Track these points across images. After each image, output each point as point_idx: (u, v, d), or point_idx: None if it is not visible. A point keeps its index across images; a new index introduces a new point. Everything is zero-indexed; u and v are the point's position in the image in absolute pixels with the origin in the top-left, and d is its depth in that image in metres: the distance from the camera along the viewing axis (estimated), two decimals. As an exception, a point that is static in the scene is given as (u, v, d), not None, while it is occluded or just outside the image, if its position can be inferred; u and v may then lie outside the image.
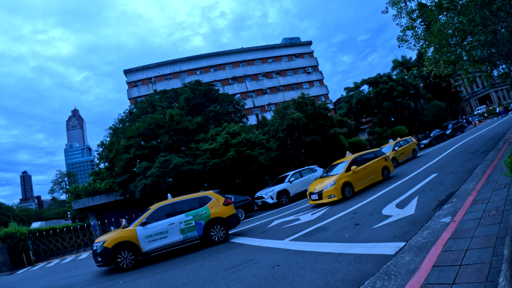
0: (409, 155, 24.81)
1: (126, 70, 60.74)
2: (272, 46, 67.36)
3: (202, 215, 11.18)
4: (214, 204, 11.63)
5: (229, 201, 12.11)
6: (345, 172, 14.69)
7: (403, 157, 24.09)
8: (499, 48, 15.45)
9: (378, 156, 16.81)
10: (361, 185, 15.04)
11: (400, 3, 16.31)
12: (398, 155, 23.65)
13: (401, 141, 25.62)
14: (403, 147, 24.71)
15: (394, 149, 23.88)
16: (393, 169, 17.58)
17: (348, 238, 7.56)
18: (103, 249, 9.85)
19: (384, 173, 16.42)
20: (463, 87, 76.14)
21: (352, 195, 14.38)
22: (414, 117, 47.99)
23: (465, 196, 7.95)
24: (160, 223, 10.67)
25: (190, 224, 10.92)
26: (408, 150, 24.96)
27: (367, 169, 15.60)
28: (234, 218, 12.07)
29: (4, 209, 78.84)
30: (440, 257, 4.76)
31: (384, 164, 16.67)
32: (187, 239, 10.83)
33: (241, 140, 25.65)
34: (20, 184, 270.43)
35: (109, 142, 33.71)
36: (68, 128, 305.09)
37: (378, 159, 16.52)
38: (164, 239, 10.53)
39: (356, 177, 14.85)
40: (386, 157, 17.14)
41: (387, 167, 16.71)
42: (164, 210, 11.15)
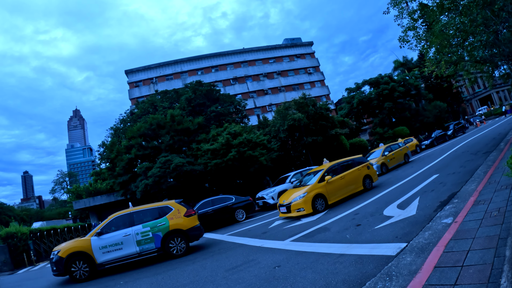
0: (400, 160, 23.78)
1: (127, 70, 60.81)
2: (273, 47, 67.38)
3: (161, 226, 10.55)
4: (175, 215, 10.96)
5: (191, 212, 11.41)
6: (317, 183, 13.53)
7: (393, 162, 23.05)
8: (501, 49, 15.42)
9: (359, 164, 15.64)
10: (337, 197, 13.82)
11: (401, 4, 16.29)
12: (388, 160, 22.56)
13: (392, 145, 24.42)
14: (394, 151, 23.57)
15: (384, 154, 22.79)
16: (377, 177, 16.41)
17: (350, 239, 7.55)
18: (57, 259, 9.62)
19: (366, 182, 15.29)
20: (465, 88, 76.13)
21: (325, 208, 13.14)
22: (415, 117, 47.90)
23: (467, 197, 7.93)
24: (116, 234, 10.21)
25: (147, 236, 10.35)
26: (399, 155, 23.91)
27: (345, 178, 14.42)
28: (196, 230, 11.28)
29: (5, 209, 78.96)
30: (441, 258, 4.75)
31: (365, 172, 15.48)
32: (143, 252, 10.26)
33: (242, 141, 25.65)
34: (21, 184, 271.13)
35: (110, 142, 33.74)
36: (70, 128, 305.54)
37: (358, 167, 15.31)
38: (119, 251, 10.06)
39: (331, 188, 13.66)
40: (368, 164, 15.94)
41: (369, 175, 15.58)
42: (121, 220, 10.61)
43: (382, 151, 23.00)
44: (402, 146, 24.92)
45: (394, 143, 25.17)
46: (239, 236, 12.25)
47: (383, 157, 22.37)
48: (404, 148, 24.78)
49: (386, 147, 23.68)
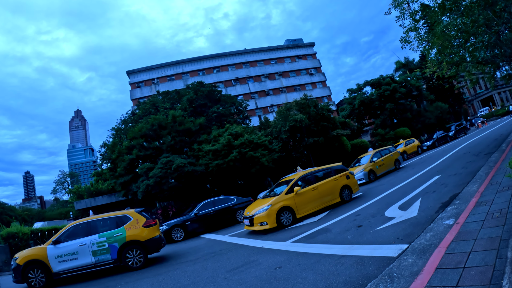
0: (390, 167, 22.26)
1: (129, 71, 60.87)
2: (275, 48, 67.39)
3: (117, 237, 10.07)
4: (133, 225, 10.42)
5: (151, 222, 10.83)
6: (284, 194, 12.43)
7: (383, 169, 21.55)
8: (503, 49, 15.39)
9: (337, 172, 14.45)
10: (308, 210, 12.68)
11: (403, 4, 16.28)
12: (377, 167, 21.12)
13: (382, 151, 22.98)
14: (383, 157, 22.06)
15: (372, 160, 21.39)
16: (358, 188, 15.14)
17: (351, 240, 7.54)
18: (15, 266, 9.52)
19: (344, 193, 14.04)
20: (466, 89, 75.99)
21: (292, 222, 12.02)
22: (417, 118, 47.85)
23: (469, 198, 7.92)
24: (72, 243, 9.87)
25: (103, 247, 9.91)
26: (389, 161, 22.37)
27: (318, 189, 13.23)
28: (155, 242, 10.62)
29: (7, 209, 79.13)
30: (443, 260, 4.74)
31: (344, 182, 14.24)
32: (99, 262, 9.85)
33: (244, 142, 25.64)
34: (23, 184, 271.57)
35: (111, 143, 33.76)
36: (71, 129, 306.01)
37: (336, 177, 14.11)
38: (74, 261, 9.72)
39: (300, 200, 12.52)
40: (348, 173, 14.69)
41: (348, 186, 14.32)
42: (79, 229, 10.25)
43: (370, 157, 21.62)
44: (393, 151, 23.59)
45: (384, 148, 23.66)
46: (240, 237, 12.24)
47: (371, 164, 21.05)
48: (395, 153, 23.43)
49: (375, 153, 22.28)
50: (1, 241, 19.30)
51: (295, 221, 12.20)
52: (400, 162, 23.47)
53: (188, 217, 17.13)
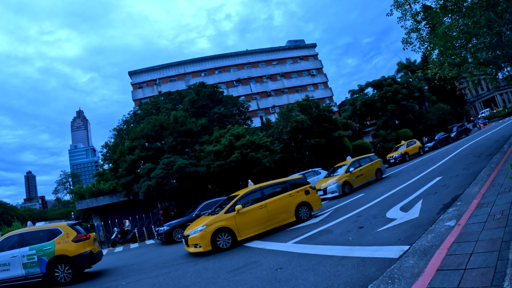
0: (370, 177, 20.05)
1: (131, 71, 60.96)
2: (276, 49, 67.42)
3: (46, 250, 9.74)
4: (63, 239, 10.04)
5: (82, 237, 10.37)
6: (224, 213, 11.00)
7: (361, 180, 19.35)
8: (504, 50, 15.37)
9: (294, 187, 12.84)
10: (253, 231, 11.17)
11: (404, 6, 16.27)
12: (354, 178, 18.95)
13: (362, 159, 20.73)
14: (362, 167, 19.86)
15: (349, 170, 19.09)
16: (320, 204, 13.47)
17: (352, 241, 7.54)
18: None
19: (301, 212, 12.47)
20: (468, 90, 75.85)
21: (231, 245, 10.57)
22: (418, 120, 47.79)
23: (470, 200, 7.90)
24: (5, 254, 9.70)
25: (33, 259, 9.64)
26: (369, 171, 20.14)
27: (267, 207, 11.63)
28: (85, 257, 10.14)
29: (8, 208, 79.44)
30: (444, 261, 4.74)
31: (302, 199, 12.61)
32: (29, 275, 9.58)
33: (245, 142, 25.66)
34: (24, 184, 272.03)
35: (113, 143, 33.79)
36: (73, 129, 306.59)
37: (291, 193, 12.48)
38: (7, 272, 9.52)
39: (243, 220, 11.02)
40: (307, 188, 13.07)
41: (307, 203, 12.73)
42: (12, 240, 10.08)
43: (347, 167, 19.33)
44: (375, 159, 21.15)
45: (364, 156, 21.32)
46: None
47: (347, 174, 18.82)
48: (377, 162, 21.01)
49: (353, 161, 20.13)
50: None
51: (235, 244, 10.72)
52: (383, 172, 21.04)
53: (190, 217, 17.16)
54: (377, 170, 20.61)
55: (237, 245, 10.70)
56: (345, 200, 15.47)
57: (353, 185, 18.70)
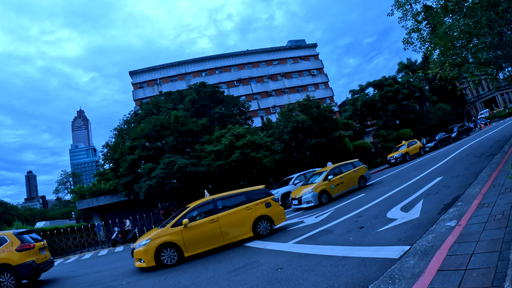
0: (352, 185, 18.42)
1: (131, 71, 61.01)
2: (277, 49, 67.43)
3: None
4: (7, 248, 9.88)
5: (25, 247, 10.11)
6: (170, 227, 10.23)
7: (341, 189, 17.71)
8: (505, 50, 15.35)
9: (254, 199, 11.60)
10: (202, 247, 10.27)
11: (405, 6, 16.25)
12: (333, 186, 17.27)
13: (343, 166, 19.07)
14: (343, 174, 18.24)
15: (327, 178, 17.42)
16: (284, 218, 12.13)
17: (352, 241, 7.54)
18: None
19: (260, 226, 11.27)
20: (469, 90, 75.77)
21: (177, 261, 9.76)
22: (419, 120, 47.78)
23: (471, 200, 7.90)
24: None
25: None
26: (351, 179, 18.49)
27: (219, 221, 10.64)
28: (27, 268, 9.87)
29: (9, 208, 79.53)
30: (445, 261, 4.73)
31: (261, 212, 11.36)
32: None
33: (246, 142, 25.68)
34: (25, 183, 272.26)
35: (114, 143, 33.85)
36: (74, 129, 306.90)
37: (249, 205, 11.31)
38: None
39: (191, 235, 10.16)
40: (269, 200, 11.80)
41: (267, 216, 11.45)
42: None
43: (325, 174, 17.67)
44: (358, 166, 19.50)
45: (347, 163, 19.63)
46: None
47: (325, 183, 17.16)
48: (361, 169, 19.35)
49: (333, 168, 18.51)
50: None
51: (182, 260, 9.92)
52: (367, 179, 19.34)
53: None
54: (361, 177, 18.94)
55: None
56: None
57: (332, 194, 17.09)
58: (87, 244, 25.34)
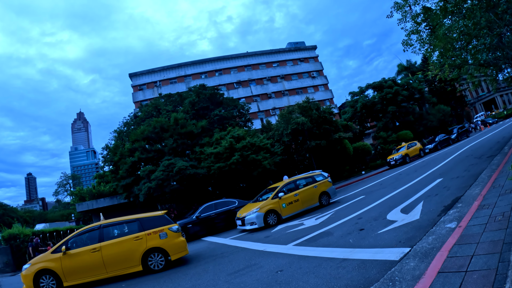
0: (310, 203, 15.81)
1: (131, 73, 61.02)
2: (277, 51, 67.48)
3: None
4: None
5: None
6: (50, 253, 9.40)
7: (295, 208, 15.14)
8: (505, 52, 15.36)
9: (146, 227, 10.02)
10: (85, 278, 9.29)
11: (404, 7, 16.28)
12: (284, 205, 14.74)
13: (301, 180, 16.60)
14: (299, 190, 15.66)
15: (278, 195, 14.85)
16: (185, 250, 10.34)
17: (353, 243, 7.52)
18: None
19: (153, 260, 9.67)
20: (468, 92, 75.85)
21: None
22: (419, 121, 47.82)
23: (471, 201, 7.88)
24: None
25: None
26: (309, 196, 15.83)
27: (101, 251, 9.40)
28: None
29: (9, 210, 79.52)
30: (445, 263, 4.71)
31: (154, 243, 9.73)
32: None
33: (246, 144, 25.66)
34: (25, 185, 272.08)
35: (113, 145, 33.83)
36: (73, 131, 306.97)
37: (139, 235, 9.78)
38: None
39: (70, 263, 9.20)
40: (165, 230, 10.06)
41: (160, 249, 9.78)
42: None
43: (276, 191, 15.10)
44: (321, 180, 16.85)
45: (306, 176, 17.35)
46: (242, 240, 12.22)
47: (275, 201, 14.68)
48: (323, 184, 16.65)
49: (286, 184, 15.95)
50: (3, 243, 19.36)
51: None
52: (330, 195, 16.76)
53: (190, 219, 17.13)
54: (322, 194, 16.37)
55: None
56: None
57: (282, 214, 14.58)
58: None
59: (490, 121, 50.49)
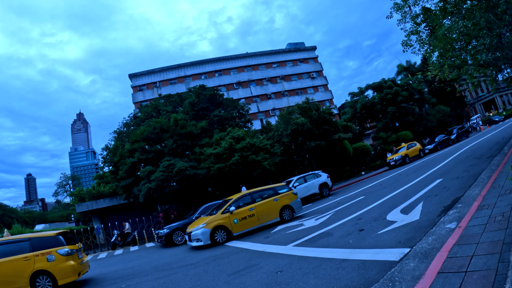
0: (269, 219, 14.02)
1: (131, 74, 61.04)
2: (276, 51, 67.50)
3: None
4: None
5: None
6: None
7: (249, 224, 13.49)
8: (504, 52, 15.37)
9: (39, 249, 9.31)
10: None
11: (404, 8, 16.29)
12: (236, 220, 13.16)
13: (260, 192, 14.74)
14: (256, 204, 13.90)
15: (229, 209, 13.30)
16: (73, 275, 9.43)
17: (352, 244, 7.51)
18: None
19: (41, 282, 9.01)
20: (468, 92, 75.88)
21: None
22: (418, 122, 47.82)
23: (471, 202, 7.88)
24: None
25: None
26: (268, 210, 14.04)
27: None
28: None
29: (8, 211, 79.51)
30: (445, 264, 4.71)
31: (40, 266, 9.07)
32: None
33: (246, 145, 25.65)
34: (25, 186, 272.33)
35: (113, 146, 33.83)
36: (73, 132, 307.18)
37: (26, 256, 9.11)
38: None
39: None
40: (53, 253, 9.33)
41: (46, 272, 9.09)
42: None
43: (227, 205, 13.58)
44: (283, 192, 14.90)
45: (266, 188, 15.20)
46: (241, 241, 12.20)
47: (225, 216, 13.18)
48: (285, 197, 14.71)
49: (241, 196, 14.24)
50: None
51: None
52: (294, 210, 14.81)
53: (190, 220, 17.14)
54: (284, 208, 14.52)
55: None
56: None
57: (234, 231, 13.02)
58: (86, 247, 25.26)
59: (497, 118, 50.56)
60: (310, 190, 21.45)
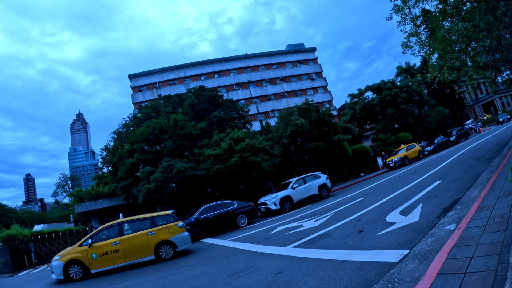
0: (140, 256, 11.49)
1: (131, 75, 61.07)
2: (276, 53, 67.58)
3: None
4: None
5: None
6: None
7: (113, 261, 11.24)
8: (504, 54, 15.39)
9: None
10: None
11: (404, 10, 16.31)
12: (95, 255, 11.09)
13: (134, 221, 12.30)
14: (123, 237, 11.56)
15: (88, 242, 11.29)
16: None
17: (352, 245, 7.51)
18: None
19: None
20: (467, 94, 76.01)
21: None
22: (418, 123, 47.88)
23: (470, 203, 7.88)
24: None
25: None
26: (138, 246, 11.52)
27: None
28: None
29: (7, 211, 79.39)
30: (444, 265, 4.71)
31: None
32: None
33: (245, 146, 25.66)
34: (24, 186, 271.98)
35: (112, 146, 33.84)
36: (72, 132, 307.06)
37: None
38: None
39: None
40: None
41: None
42: None
43: (87, 237, 11.64)
44: (163, 224, 12.13)
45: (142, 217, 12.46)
46: (241, 242, 12.19)
47: (82, 249, 11.14)
48: (165, 231, 11.99)
49: (107, 226, 12.01)
50: (1, 243, 19.31)
51: None
52: (176, 246, 12.00)
53: (189, 221, 17.10)
54: (162, 243, 11.85)
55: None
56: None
57: (92, 268, 11.00)
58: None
59: (504, 118, 50.55)
60: (309, 192, 21.41)
